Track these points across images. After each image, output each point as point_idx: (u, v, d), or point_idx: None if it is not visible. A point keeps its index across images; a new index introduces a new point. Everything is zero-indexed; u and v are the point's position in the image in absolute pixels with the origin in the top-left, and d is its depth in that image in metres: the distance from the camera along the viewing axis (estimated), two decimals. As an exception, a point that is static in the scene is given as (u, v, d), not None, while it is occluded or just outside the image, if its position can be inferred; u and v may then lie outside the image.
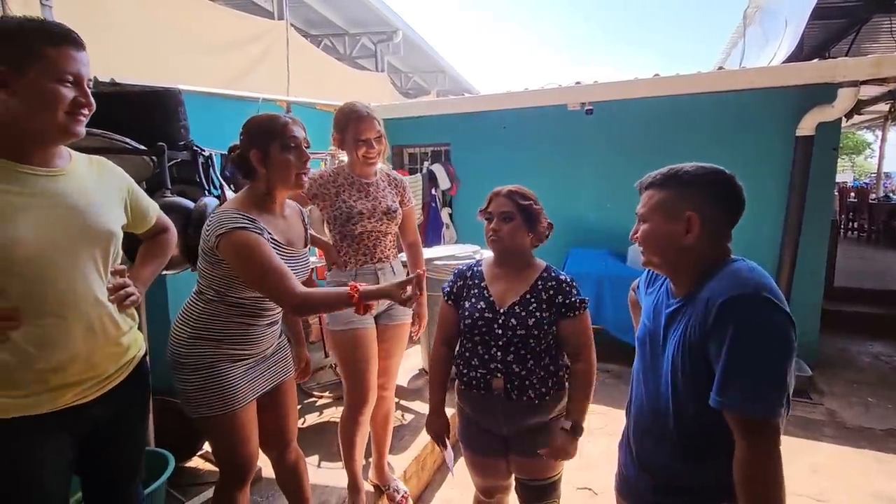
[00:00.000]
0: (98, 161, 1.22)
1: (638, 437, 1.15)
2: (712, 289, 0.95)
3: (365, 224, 1.83)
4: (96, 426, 1.18)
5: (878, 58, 3.22)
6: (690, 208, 0.99)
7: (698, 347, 0.95)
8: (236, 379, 1.39)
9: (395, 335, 1.98)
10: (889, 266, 6.76)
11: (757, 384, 0.87)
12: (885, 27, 5.23)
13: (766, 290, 0.90)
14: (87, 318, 1.08)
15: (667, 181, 1.03)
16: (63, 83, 1.01)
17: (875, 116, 7.88)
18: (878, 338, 4.45)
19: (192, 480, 2.13)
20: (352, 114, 1.79)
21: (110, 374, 1.17)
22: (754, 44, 5.35)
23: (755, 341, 0.88)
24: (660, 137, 3.87)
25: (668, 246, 1.02)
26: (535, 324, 1.40)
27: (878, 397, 3.36)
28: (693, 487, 1.04)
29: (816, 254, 3.62)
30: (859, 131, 14.26)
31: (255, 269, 1.26)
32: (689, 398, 0.99)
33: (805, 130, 3.42)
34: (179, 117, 1.91)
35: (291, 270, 1.32)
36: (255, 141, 1.35)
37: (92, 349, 1.10)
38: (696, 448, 1.02)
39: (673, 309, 1.05)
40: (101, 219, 1.12)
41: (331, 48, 7.88)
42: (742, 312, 0.89)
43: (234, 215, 1.28)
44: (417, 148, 5.05)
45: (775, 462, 0.88)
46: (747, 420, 0.89)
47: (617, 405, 3.08)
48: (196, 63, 3.87)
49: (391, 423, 2.12)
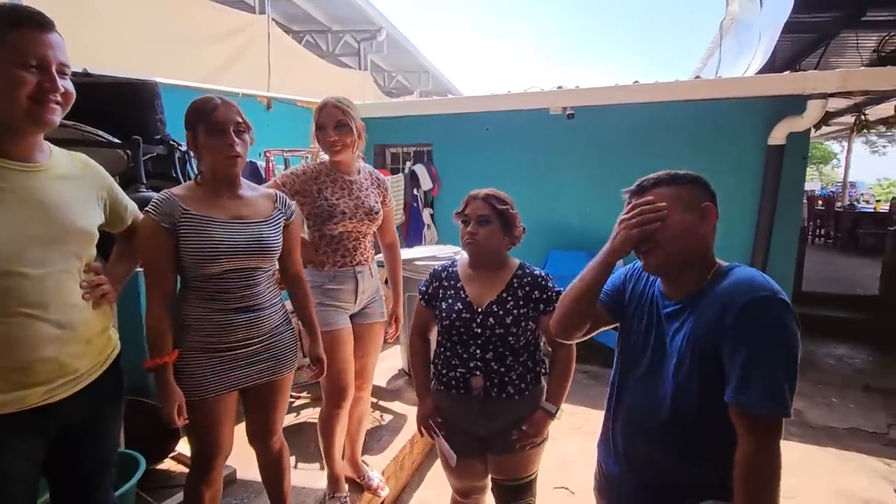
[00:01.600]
0: (80, 158, 1.18)
1: (627, 437, 1.15)
2: (727, 290, 0.97)
3: (346, 224, 1.81)
4: (66, 427, 1.14)
5: (844, 72, 3.37)
6: (705, 199, 1.02)
7: (710, 347, 0.96)
8: (205, 370, 1.37)
9: (368, 334, 1.97)
10: (854, 272, 7.04)
11: (778, 384, 0.89)
12: (852, 43, 5.45)
13: (781, 293, 0.94)
14: (58, 316, 1.05)
15: (676, 179, 1.05)
16: (25, 67, 0.95)
17: (842, 128, 8.19)
18: (842, 341, 4.62)
19: (164, 483, 2.08)
20: (318, 105, 1.81)
21: (81, 373, 1.13)
22: (730, 54, 5.51)
23: (777, 342, 0.91)
24: (639, 143, 3.94)
25: (688, 239, 1.02)
26: (513, 321, 1.42)
27: (842, 397, 3.50)
28: (684, 486, 1.05)
29: (785, 259, 3.74)
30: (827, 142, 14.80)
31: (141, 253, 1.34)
32: (691, 397, 1.01)
33: (776, 140, 3.54)
34: (156, 110, 1.86)
35: (239, 239, 1.35)
36: (187, 123, 1.36)
37: (61, 348, 1.07)
38: (694, 447, 1.03)
39: (673, 310, 1.07)
40: (77, 217, 1.09)
41: (313, 45, 7.79)
42: (765, 314, 0.91)
43: (158, 198, 1.33)
44: (400, 148, 5.04)
45: (778, 459, 0.91)
46: (760, 418, 0.91)
47: (594, 405, 3.12)
48: (175, 56, 3.78)
49: (365, 425, 2.13)
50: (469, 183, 1.66)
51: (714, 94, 3.66)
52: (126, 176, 1.76)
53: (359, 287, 1.88)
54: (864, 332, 4.71)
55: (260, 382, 1.48)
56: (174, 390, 1.33)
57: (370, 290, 1.96)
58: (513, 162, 4.36)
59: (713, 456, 1.01)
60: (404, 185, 4.50)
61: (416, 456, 2.65)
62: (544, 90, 4.26)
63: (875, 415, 3.25)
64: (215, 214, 1.35)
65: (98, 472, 1.26)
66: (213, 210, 1.35)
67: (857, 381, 3.77)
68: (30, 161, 1.03)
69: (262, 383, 1.49)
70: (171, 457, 2.25)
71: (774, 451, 0.91)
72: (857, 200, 11.94)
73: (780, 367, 0.90)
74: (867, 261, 7.49)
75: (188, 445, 2.19)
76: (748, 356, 0.91)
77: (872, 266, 6.28)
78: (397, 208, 4.43)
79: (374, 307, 1.99)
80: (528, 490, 1.55)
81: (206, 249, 1.32)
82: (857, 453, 2.78)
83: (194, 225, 1.32)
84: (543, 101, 4.14)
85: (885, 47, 5.14)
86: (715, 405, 0.96)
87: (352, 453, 2.12)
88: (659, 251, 1.03)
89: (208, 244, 1.32)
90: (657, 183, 1.05)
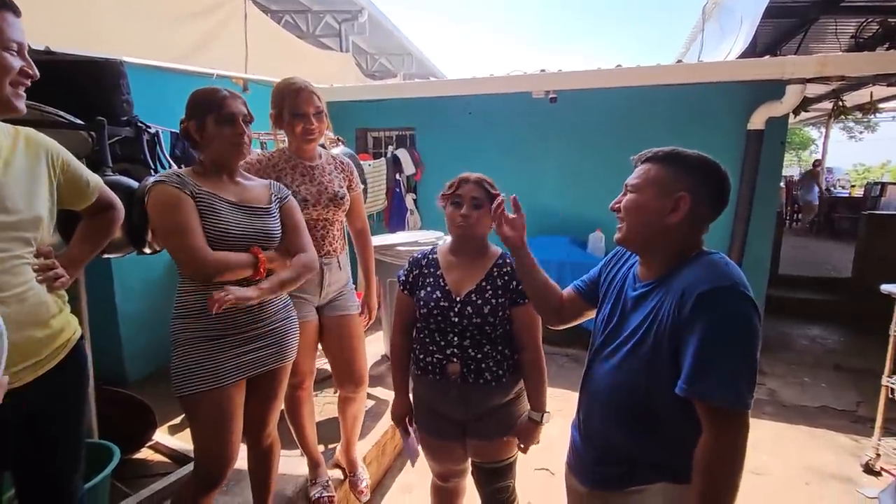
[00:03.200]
0: (25, 133, 1.12)
1: (587, 412, 1.18)
2: (688, 278, 0.96)
3: (310, 212, 1.74)
4: (32, 413, 1.11)
5: (822, 57, 3.39)
6: (684, 189, 0.99)
7: (668, 334, 0.96)
8: (212, 358, 1.35)
9: (344, 327, 1.89)
10: (828, 255, 7.22)
11: (730, 375, 0.88)
12: (831, 29, 5.49)
13: (742, 284, 0.92)
14: (11, 300, 1.02)
15: (669, 158, 1.03)
16: (8, 51, 0.94)
17: (820, 114, 8.31)
18: (815, 322, 4.76)
19: (140, 473, 2.06)
20: (287, 88, 1.70)
21: (43, 356, 1.11)
22: (712, 39, 5.51)
23: (734, 334, 0.89)
24: (621, 127, 3.94)
25: (650, 221, 1.02)
26: (491, 311, 1.41)
27: (813, 377, 3.61)
28: (636, 463, 1.07)
29: (763, 243, 3.81)
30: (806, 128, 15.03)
31: (164, 223, 1.27)
32: (642, 379, 1.01)
33: (756, 125, 3.57)
34: (121, 91, 1.79)
35: (248, 226, 1.35)
36: (193, 112, 1.35)
37: (21, 332, 1.04)
38: (644, 428, 1.04)
39: (639, 293, 1.07)
40: (24, 202, 1.05)
41: (292, 25, 7.59)
42: (720, 305, 0.90)
43: (164, 173, 1.30)
44: (382, 132, 4.96)
45: (740, 452, 0.90)
46: (717, 409, 0.90)
47: (575, 388, 3.09)
48: (145, 35, 3.63)
49: (360, 422, 2.09)
50: (452, 167, 1.63)
51: (695, 79, 3.66)
52: (91, 160, 1.69)
53: (324, 280, 1.82)
54: (837, 313, 4.85)
55: (264, 371, 1.46)
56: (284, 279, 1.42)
57: (338, 284, 1.88)
58: (496, 146, 4.33)
59: (663, 438, 1.02)
60: (386, 170, 4.45)
61: (398, 441, 2.66)
62: (527, 73, 4.21)
63: (845, 393, 3.36)
64: (224, 195, 1.36)
65: (67, 462, 1.24)
66: (220, 191, 1.36)
67: (829, 361, 3.89)
68: None
69: (265, 372, 1.47)
70: (149, 446, 2.22)
71: (736, 443, 0.90)
72: (833, 186, 12.19)
73: (736, 358, 0.90)
74: (842, 244, 7.69)
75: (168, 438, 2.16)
76: (701, 347, 0.90)
77: (847, 250, 6.45)
78: (380, 194, 4.37)
79: (344, 300, 1.91)
80: (508, 472, 1.56)
81: (219, 227, 1.31)
82: (826, 430, 2.88)
83: (210, 201, 1.32)
84: (526, 85, 4.10)
85: (863, 33, 5.19)
86: (666, 390, 0.96)
87: (347, 446, 2.11)
88: (622, 226, 1.07)
89: (220, 223, 1.32)
90: (651, 158, 1.05)
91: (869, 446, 2.51)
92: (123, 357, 2.94)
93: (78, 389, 1.24)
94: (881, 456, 2.46)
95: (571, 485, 1.25)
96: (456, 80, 4.56)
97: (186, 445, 2.18)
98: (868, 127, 16.65)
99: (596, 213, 3.94)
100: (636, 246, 1.09)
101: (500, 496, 1.55)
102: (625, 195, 1.08)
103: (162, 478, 1.94)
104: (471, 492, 1.71)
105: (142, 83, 2.33)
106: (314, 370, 1.92)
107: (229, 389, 1.38)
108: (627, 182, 1.08)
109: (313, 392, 1.99)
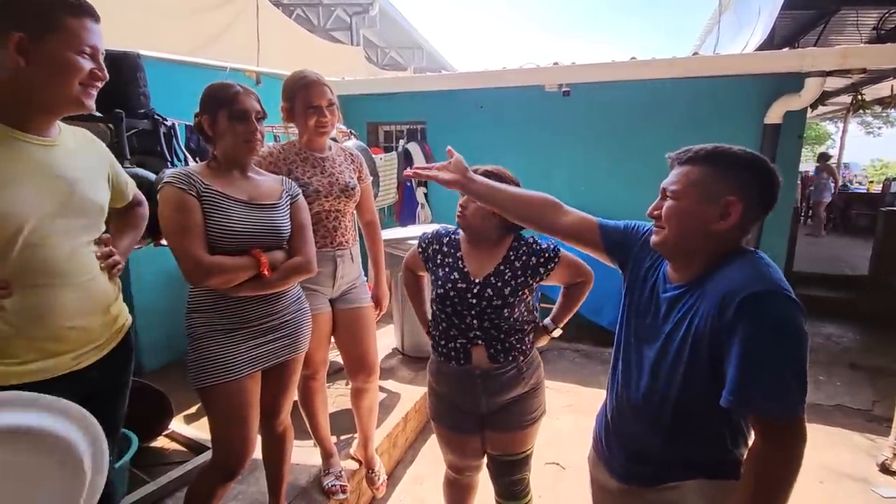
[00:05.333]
0: (83, 133, 1.21)
1: (618, 410, 1.14)
2: (727, 281, 0.90)
3: (322, 203, 1.75)
4: (93, 392, 1.17)
5: (844, 49, 3.31)
6: (732, 193, 0.91)
7: (708, 340, 0.90)
8: (227, 350, 1.37)
9: (357, 319, 1.90)
10: (843, 252, 7.10)
11: (779, 385, 0.83)
12: (852, 20, 5.37)
13: (786, 286, 0.87)
14: (80, 286, 1.10)
15: (711, 158, 0.94)
16: (82, 54, 1.01)
17: (837, 108, 8.17)
18: (830, 320, 4.68)
19: (157, 461, 2.09)
20: (300, 80, 1.71)
21: (103, 340, 1.18)
22: (728, 31, 5.42)
23: (777, 340, 0.84)
24: (635, 120, 3.89)
25: (695, 229, 0.94)
26: (511, 292, 1.42)
27: (829, 375, 3.56)
28: (663, 461, 1.04)
29: (778, 239, 3.74)
30: (823, 122, 14.76)
31: (166, 224, 1.28)
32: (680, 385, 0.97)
33: (773, 118, 3.50)
34: (139, 83, 1.81)
35: (256, 222, 1.36)
36: (205, 107, 1.37)
37: (86, 317, 1.12)
38: (676, 429, 1.01)
39: (673, 295, 1.00)
40: (91, 191, 1.13)
41: (304, 19, 7.59)
42: (764, 310, 0.84)
43: (175, 172, 1.32)
44: (393, 126, 4.95)
45: (796, 462, 0.84)
46: (768, 422, 0.86)
47: (586, 383, 3.13)
48: (159, 28, 3.66)
49: (375, 414, 2.10)
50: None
51: (711, 72, 3.60)
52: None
53: (337, 271, 1.83)
54: (853, 311, 4.77)
55: (278, 362, 1.48)
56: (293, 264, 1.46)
57: (350, 276, 1.89)
58: (507, 140, 4.30)
59: (700, 439, 1.00)
60: (397, 164, 4.44)
61: (409, 433, 2.68)
62: (540, 66, 4.17)
63: (860, 392, 3.31)
64: (233, 193, 1.37)
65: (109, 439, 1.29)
66: (229, 189, 1.37)
67: (844, 360, 3.83)
68: (46, 136, 1.06)
69: (279, 363, 1.49)
70: (165, 435, 2.26)
71: (792, 454, 0.84)
72: (850, 181, 11.96)
73: (783, 366, 0.83)
74: (859, 241, 7.55)
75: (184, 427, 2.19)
76: (748, 356, 0.84)
77: (864, 246, 6.33)
78: (391, 187, 4.37)
79: (356, 292, 1.93)
80: (524, 465, 1.57)
81: (225, 226, 1.32)
82: (842, 429, 2.84)
83: (218, 200, 1.33)
84: (539, 78, 4.06)
85: (885, 25, 5.06)
86: (703, 397, 0.92)
87: (364, 441, 2.12)
88: (661, 232, 0.99)
89: (227, 222, 1.33)
90: (692, 159, 0.96)
91: (885, 446, 2.48)
92: (140, 347, 2.98)
93: (126, 372, 1.31)
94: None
95: (599, 479, 1.22)
96: (467, 74, 4.53)
97: (202, 434, 2.21)
98: (887, 122, 16.30)
99: (611, 209, 3.86)
100: (673, 253, 1.01)
101: (515, 489, 1.56)
102: (664, 199, 0.99)
103: (178, 466, 1.97)
104: (481, 487, 1.72)
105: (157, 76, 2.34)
106: (327, 361, 1.94)
107: (245, 381, 1.40)
108: (665, 186, 1.00)
109: (326, 384, 2.00)
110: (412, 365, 3.20)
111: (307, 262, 1.47)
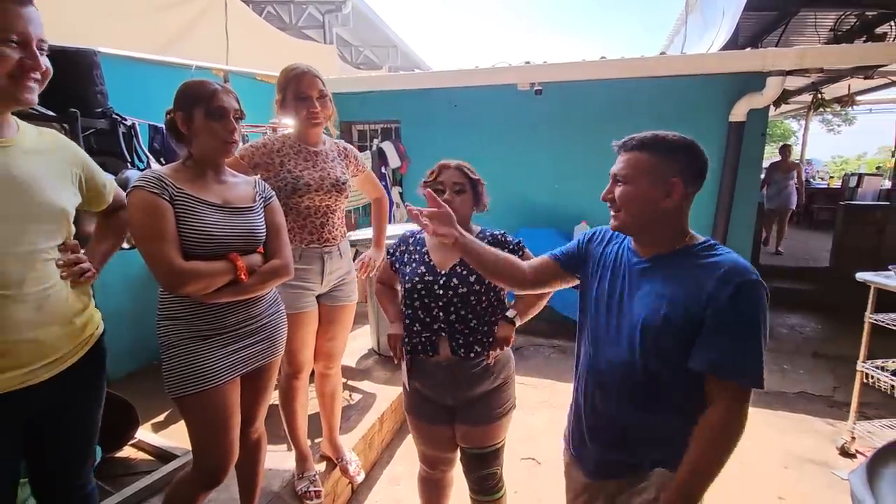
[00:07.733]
0: (49, 133, 1.14)
1: (594, 390, 1.17)
2: (717, 267, 1.00)
3: (312, 197, 1.75)
4: (46, 409, 1.12)
5: (801, 49, 3.44)
6: (675, 174, 1.03)
7: (689, 312, 1.00)
8: (205, 357, 1.32)
9: (338, 317, 1.93)
10: (807, 245, 7.37)
11: (758, 359, 0.98)
12: (811, 22, 5.57)
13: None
14: (35, 297, 1.03)
15: (654, 145, 1.05)
16: (5, 43, 0.92)
17: (800, 107, 8.45)
18: (794, 311, 4.86)
19: (123, 471, 2.02)
20: (291, 72, 1.71)
21: (62, 354, 1.11)
22: (695, 31, 5.55)
23: (763, 323, 0.98)
24: (605, 119, 3.96)
25: (647, 209, 1.05)
26: (477, 280, 1.44)
27: (793, 364, 3.69)
28: (636, 438, 1.10)
29: (744, 233, 3.87)
30: (786, 120, 15.26)
31: (138, 230, 1.23)
32: (652, 353, 1.04)
33: (737, 116, 3.62)
34: (95, 81, 1.74)
35: (232, 227, 1.31)
36: (181, 104, 1.31)
37: (40, 329, 1.05)
38: (649, 399, 1.07)
39: (643, 267, 1.10)
40: (49, 194, 1.05)
41: (274, 16, 7.46)
42: (755, 295, 0.99)
43: (145, 175, 1.26)
44: (367, 125, 4.92)
45: (742, 426, 0.99)
46: (738, 387, 0.98)
47: (560, 378, 3.20)
48: (121, 25, 3.54)
49: (339, 402, 2.10)
50: (438, 160, 1.65)
51: (678, 71, 3.69)
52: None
53: (325, 267, 1.83)
54: (815, 302, 4.95)
55: (257, 366, 1.45)
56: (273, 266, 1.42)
57: (339, 272, 1.90)
58: (481, 139, 4.32)
59: (667, 413, 1.06)
60: (372, 163, 4.41)
61: (386, 434, 2.67)
62: (512, 65, 4.20)
63: (822, 379, 3.44)
64: (206, 196, 1.32)
65: (78, 457, 1.25)
66: (203, 192, 1.32)
67: (807, 349, 3.98)
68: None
69: (258, 367, 1.45)
70: (131, 444, 2.19)
71: (742, 417, 0.98)
72: (812, 177, 12.41)
73: (762, 342, 0.98)
74: (820, 234, 7.85)
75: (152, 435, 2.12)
76: (742, 331, 0.97)
77: (825, 240, 6.58)
78: (365, 187, 4.34)
79: (345, 289, 1.94)
80: (495, 459, 1.58)
81: (200, 230, 1.27)
82: (805, 415, 2.95)
83: (191, 204, 1.27)
84: (511, 77, 4.09)
85: (842, 26, 5.27)
86: (674, 364, 1.01)
87: (329, 432, 2.11)
88: (619, 214, 1.09)
89: (202, 226, 1.28)
90: (637, 146, 1.07)
91: (844, 430, 2.59)
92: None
93: (96, 383, 1.25)
94: (856, 439, 2.54)
95: (573, 475, 1.27)
96: (441, 73, 4.53)
97: (170, 443, 2.16)
98: (846, 120, 16.98)
99: (581, 205, 3.96)
100: (634, 231, 1.12)
101: (487, 483, 1.57)
102: (615, 185, 1.09)
103: (145, 476, 1.92)
104: (458, 488, 1.73)
105: (119, 75, 2.26)
106: (312, 361, 1.92)
107: (226, 387, 1.36)
108: (615, 172, 1.10)
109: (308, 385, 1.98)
110: (388, 365, 3.19)
111: (285, 265, 1.44)
